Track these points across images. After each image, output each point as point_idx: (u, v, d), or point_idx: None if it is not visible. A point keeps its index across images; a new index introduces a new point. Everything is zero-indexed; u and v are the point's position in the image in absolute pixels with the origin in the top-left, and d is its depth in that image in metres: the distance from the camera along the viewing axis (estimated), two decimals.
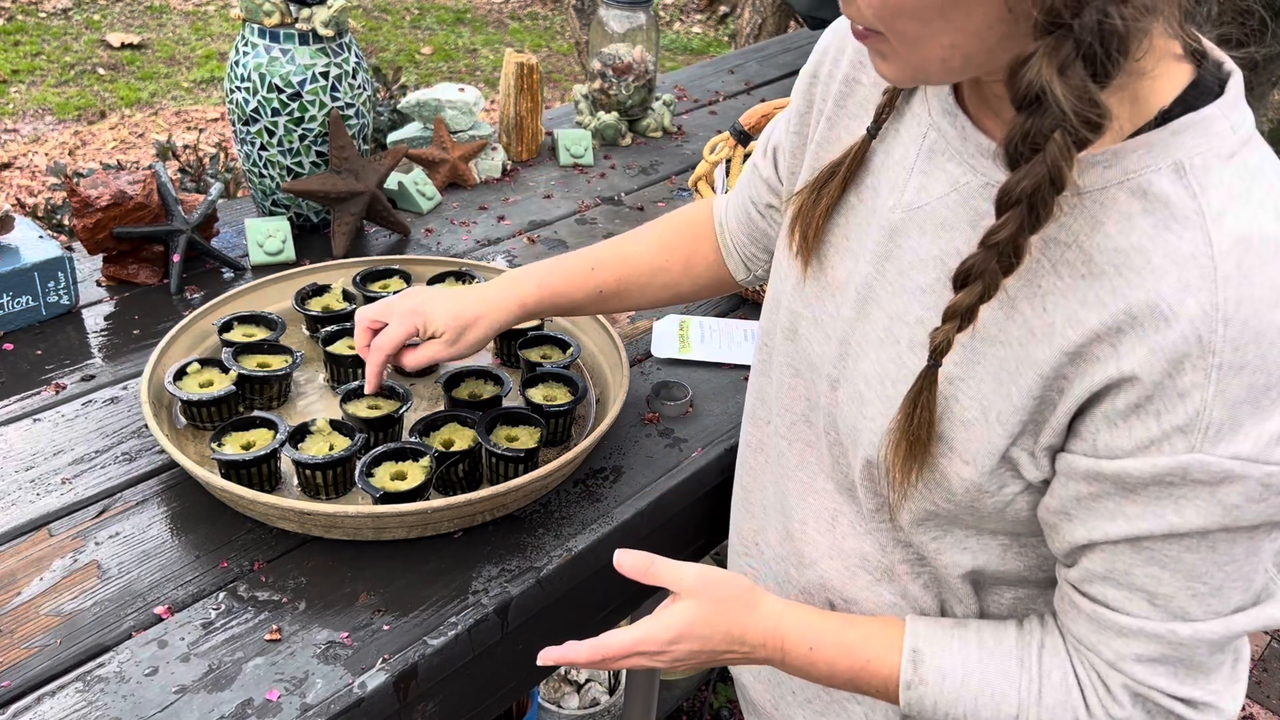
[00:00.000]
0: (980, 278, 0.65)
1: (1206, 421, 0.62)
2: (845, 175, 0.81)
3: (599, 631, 1.13)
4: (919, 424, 0.72)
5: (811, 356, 0.85)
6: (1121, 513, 0.67)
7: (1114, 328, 0.64)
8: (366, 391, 1.06)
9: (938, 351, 0.69)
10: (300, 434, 1.06)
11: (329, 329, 1.23)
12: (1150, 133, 0.65)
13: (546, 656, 0.83)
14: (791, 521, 0.91)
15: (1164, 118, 0.65)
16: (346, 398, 1.12)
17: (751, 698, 1.06)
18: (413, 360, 1.04)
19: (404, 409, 1.10)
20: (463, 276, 1.35)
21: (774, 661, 0.83)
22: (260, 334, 1.22)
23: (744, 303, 1.47)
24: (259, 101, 1.41)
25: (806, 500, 0.89)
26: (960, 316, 0.67)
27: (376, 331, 1.05)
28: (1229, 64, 0.68)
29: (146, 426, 1.12)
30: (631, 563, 0.84)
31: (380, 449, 1.04)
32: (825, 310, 0.83)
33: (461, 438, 1.09)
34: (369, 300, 1.32)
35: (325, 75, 1.42)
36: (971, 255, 0.65)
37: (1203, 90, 0.66)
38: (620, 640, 0.82)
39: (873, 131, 0.80)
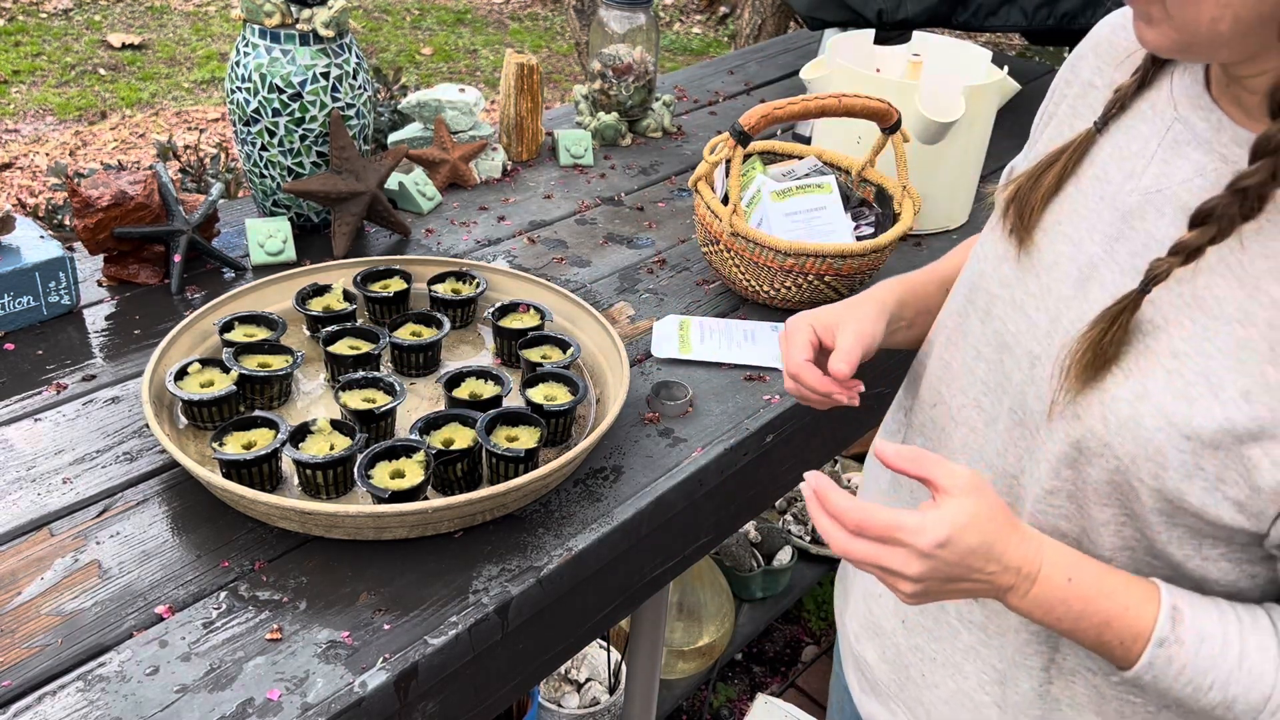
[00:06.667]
0: (1218, 220, 0.68)
1: None
2: (1066, 163, 0.84)
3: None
4: (1110, 340, 0.74)
5: (1004, 336, 0.86)
6: None
7: None
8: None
9: (1153, 280, 0.72)
10: (301, 434, 1.06)
11: (329, 329, 1.23)
12: None
13: (810, 478, 0.77)
14: None
15: None
16: (344, 388, 1.12)
17: (876, 677, 1.03)
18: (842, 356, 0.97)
19: (396, 403, 1.11)
20: (463, 277, 1.35)
21: (1016, 591, 0.77)
22: (261, 334, 1.23)
23: (744, 303, 1.47)
24: (260, 102, 1.41)
25: None
26: (1186, 254, 0.70)
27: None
28: None
29: (147, 426, 1.12)
30: (897, 451, 0.77)
31: (376, 448, 1.04)
32: (1026, 289, 0.85)
33: (462, 437, 1.09)
34: (369, 300, 1.32)
35: (326, 76, 1.42)
36: (1215, 197, 0.68)
37: None
38: (883, 518, 0.74)
39: (1099, 126, 0.83)
